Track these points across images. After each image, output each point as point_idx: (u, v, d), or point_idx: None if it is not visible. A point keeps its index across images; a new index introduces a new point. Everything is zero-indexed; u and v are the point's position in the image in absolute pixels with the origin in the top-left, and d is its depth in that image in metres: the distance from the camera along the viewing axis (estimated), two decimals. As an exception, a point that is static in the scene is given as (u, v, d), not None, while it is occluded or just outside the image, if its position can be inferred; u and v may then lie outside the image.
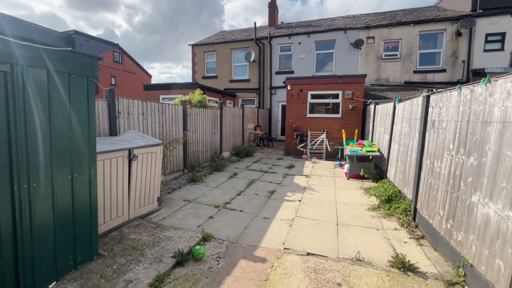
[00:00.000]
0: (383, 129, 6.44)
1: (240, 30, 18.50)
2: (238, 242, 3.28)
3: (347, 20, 14.86)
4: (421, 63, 11.90)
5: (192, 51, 16.42)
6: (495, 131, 2.12)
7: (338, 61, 13.03)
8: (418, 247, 3.15)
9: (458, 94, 2.77)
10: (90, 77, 2.45)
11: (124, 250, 2.91)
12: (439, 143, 3.16)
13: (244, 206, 4.55)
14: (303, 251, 3.04)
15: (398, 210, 4.07)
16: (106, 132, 4.24)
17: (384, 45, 12.33)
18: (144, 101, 5.19)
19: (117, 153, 3.33)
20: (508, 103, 2.00)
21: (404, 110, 4.80)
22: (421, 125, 3.72)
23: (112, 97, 4.32)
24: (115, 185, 3.35)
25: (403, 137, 4.73)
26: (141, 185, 3.82)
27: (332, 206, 4.57)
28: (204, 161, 7.63)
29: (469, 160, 2.48)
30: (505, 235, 1.91)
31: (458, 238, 2.56)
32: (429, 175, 3.40)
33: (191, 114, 6.82)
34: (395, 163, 5.13)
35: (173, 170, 6.15)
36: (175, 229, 3.49)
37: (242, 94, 15.22)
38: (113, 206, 3.38)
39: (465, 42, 11.10)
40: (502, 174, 2.00)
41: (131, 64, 24.68)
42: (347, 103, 9.22)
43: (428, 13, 12.99)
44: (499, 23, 10.58)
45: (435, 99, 3.37)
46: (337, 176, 6.77)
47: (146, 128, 5.21)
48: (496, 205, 2.04)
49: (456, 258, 2.56)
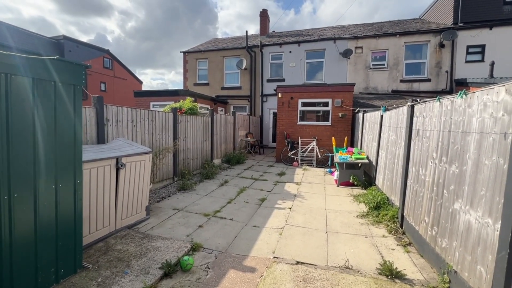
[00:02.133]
0: (371, 136, 6.58)
1: (232, 38, 18.71)
2: (228, 251, 3.24)
3: (336, 30, 15.27)
4: (407, 73, 12.30)
5: (183, 58, 16.45)
6: (474, 141, 2.22)
7: (328, 69, 13.32)
8: (405, 254, 3.20)
9: (440, 105, 2.88)
10: (78, 85, 2.42)
11: (110, 261, 2.83)
12: (424, 151, 3.26)
13: (235, 214, 4.52)
14: (293, 260, 3.03)
15: (386, 217, 4.13)
16: (93, 140, 4.17)
17: (372, 55, 12.71)
18: (134, 108, 5.14)
19: (104, 161, 3.28)
20: (485, 114, 2.10)
21: (391, 119, 4.93)
22: (406, 133, 3.83)
23: (100, 105, 4.26)
24: (101, 195, 3.28)
25: (390, 145, 4.85)
26: (129, 194, 3.75)
27: (322, 214, 4.60)
28: (195, 168, 7.57)
29: (451, 168, 2.57)
30: (485, 241, 1.98)
31: (442, 244, 2.62)
32: (414, 182, 3.48)
33: (182, 121, 6.79)
34: (383, 171, 5.24)
35: (163, 178, 6.07)
36: (163, 239, 3.43)
37: (233, 101, 15.28)
38: (99, 216, 3.30)
39: (448, 53, 11.57)
40: (481, 182, 2.07)
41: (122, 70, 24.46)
42: (336, 111, 9.40)
43: (413, 25, 13.52)
44: (479, 35, 11.11)
45: (419, 108, 3.49)
46: (327, 183, 6.83)
47: (135, 136, 5.15)
48: (477, 212, 2.11)
49: (441, 264, 2.62)
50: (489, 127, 2.03)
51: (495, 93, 2.00)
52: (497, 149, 1.92)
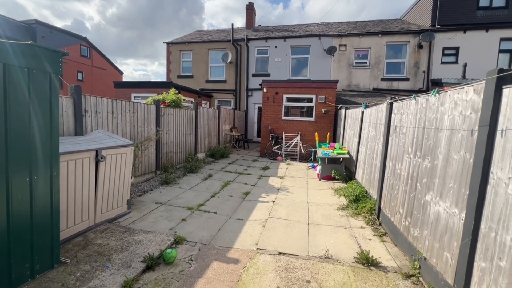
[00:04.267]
0: (352, 132, 6.79)
1: (217, 30, 18.39)
2: (211, 244, 3.26)
3: (321, 27, 15.45)
4: (387, 72, 12.74)
5: (167, 50, 15.98)
6: (445, 137, 2.37)
7: (312, 66, 13.49)
8: (381, 243, 3.38)
9: (416, 102, 3.04)
10: (54, 73, 2.31)
11: (89, 256, 2.76)
12: (400, 146, 3.43)
13: (218, 207, 4.54)
14: (275, 251, 3.11)
15: (364, 209, 4.32)
16: (70, 132, 3.99)
17: (355, 53, 13.01)
18: (114, 99, 4.96)
19: (83, 153, 3.16)
20: (455, 112, 2.25)
21: (371, 116, 5.12)
22: (385, 129, 4.01)
23: (78, 95, 4.08)
24: (80, 188, 3.17)
25: (369, 140, 5.05)
26: (109, 188, 3.65)
27: (304, 207, 4.72)
28: (178, 162, 7.46)
29: (424, 163, 2.73)
30: (452, 229, 2.14)
31: (414, 234, 2.80)
32: (391, 176, 3.67)
33: (165, 114, 6.64)
34: (363, 165, 5.45)
35: (145, 171, 5.94)
36: (145, 232, 3.38)
37: (218, 95, 15.11)
38: (78, 210, 3.19)
39: (425, 54, 12.10)
40: (450, 176, 2.23)
41: (101, 59, 23.35)
42: (320, 107, 9.59)
43: (394, 25, 13.96)
44: (454, 38, 11.70)
45: (397, 106, 3.66)
46: (309, 177, 7.00)
47: (116, 128, 4.99)
48: (445, 203, 2.27)
49: (413, 252, 2.80)
50: (459, 124, 2.18)
51: (464, 93, 2.14)
52: (464, 145, 2.07)
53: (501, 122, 1.73)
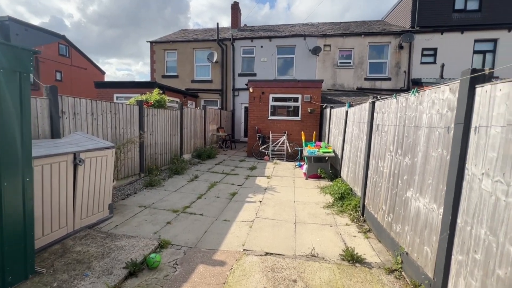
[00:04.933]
0: (337, 131, 6.90)
1: (202, 29, 18.17)
2: (197, 246, 3.21)
3: (306, 27, 15.62)
4: (370, 71, 13.07)
5: (151, 49, 15.61)
6: (424, 135, 2.44)
7: (298, 66, 13.61)
8: (365, 240, 3.45)
9: (397, 102, 3.12)
10: (24, 73, 2.18)
11: (67, 264, 2.64)
12: (382, 144, 3.51)
13: (205, 209, 4.47)
14: (262, 251, 3.10)
15: (349, 206, 4.40)
16: (46, 134, 3.80)
17: (339, 53, 13.25)
18: (94, 100, 4.78)
19: (59, 157, 3.01)
20: (433, 111, 2.32)
21: (354, 114, 5.22)
22: (368, 128, 4.09)
23: (54, 95, 3.88)
24: (56, 193, 3.02)
25: (354, 139, 5.14)
26: (89, 192, 3.51)
27: (291, 206, 4.75)
28: (163, 164, 7.30)
29: (405, 160, 2.81)
30: (431, 224, 2.21)
31: (397, 229, 2.87)
32: (374, 173, 3.75)
33: (149, 114, 6.48)
34: (348, 163, 5.55)
35: (128, 174, 5.76)
36: (128, 237, 3.27)
37: (204, 95, 14.94)
38: (55, 217, 3.04)
39: (406, 54, 12.51)
40: (429, 172, 2.30)
41: (81, 58, 22.48)
42: (306, 107, 9.68)
43: (376, 26, 14.34)
44: (432, 39, 12.17)
45: (379, 105, 3.74)
46: (296, 176, 7.05)
47: (96, 130, 4.80)
48: (425, 199, 2.34)
49: (395, 247, 2.87)
50: (436, 122, 2.25)
51: (441, 92, 2.21)
52: (442, 142, 2.14)
53: (475, 120, 1.80)
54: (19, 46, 2.12)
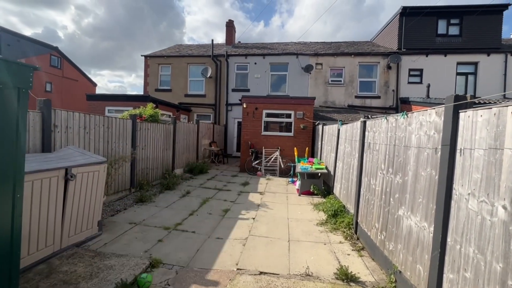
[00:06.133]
0: (329, 148, 7.03)
1: (197, 45, 18.55)
2: (190, 266, 3.13)
3: (298, 46, 16.19)
4: (361, 89, 13.54)
5: (145, 62, 15.76)
6: (413, 155, 2.54)
7: (291, 83, 13.98)
8: (359, 258, 3.45)
9: (387, 122, 3.25)
10: (23, 89, 2.18)
11: (53, 285, 2.52)
12: (374, 162, 3.61)
13: (197, 226, 4.40)
14: (256, 271, 3.05)
15: (342, 224, 4.42)
16: (37, 148, 3.73)
17: (330, 71, 13.73)
18: (87, 113, 4.75)
19: (51, 172, 2.95)
20: (421, 132, 2.44)
21: (346, 132, 5.36)
22: (359, 146, 4.21)
23: (47, 109, 3.86)
24: (45, 210, 2.94)
25: (346, 156, 5.25)
26: (79, 209, 3.42)
27: (285, 223, 4.73)
28: (154, 178, 7.20)
29: (396, 179, 2.89)
30: (423, 243, 2.26)
31: (390, 247, 2.90)
32: (367, 191, 3.82)
33: (141, 129, 6.45)
34: (340, 180, 5.62)
35: (118, 189, 5.64)
36: (118, 256, 3.17)
37: (197, 109, 15.03)
38: (42, 234, 2.93)
39: (394, 74, 13.08)
40: (419, 191, 2.38)
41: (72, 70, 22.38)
42: (298, 123, 9.86)
43: (365, 47, 15.02)
44: (418, 61, 12.81)
45: (370, 124, 3.88)
46: (289, 193, 7.06)
47: (88, 144, 4.74)
48: (416, 217, 2.40)
49: (389, 266, 2.89)
50: (424, 143, 2.36)
51: (428, 114, 2.34)
52: (430, 162, 2.24)
53: (459, 143, 1.91)
54: (20, 63, 2.14)
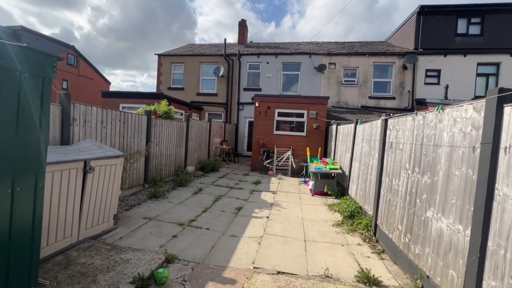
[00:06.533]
0: (344, 148, 6.87)
1: (209, 44, 18.63)
2: (205, 262, 3.08)
3: (311, 45, 16.01)
4: (375, 90, 13.24)
5: (158, 61, 15.93)
6: (445, 153, 2.40)
7: (303, 82, 13.82)
8: (380, 261, 3.31)
9: (413, 119, 3.10)
10: (47, 78, 2.18)
11: (72, 277, 2.51)
12: (397, 162, 3.46)
13: (211, 223, 4.35)
14: (273, 270, 2.97)
15: (360, 225, 4.27)
16: (56, 141, 3.77)
17: (343, 71, 13.49)
18: (104, 108, 4.79)
19: (70, 164, 2.96)
20: (454, 129, 2.29)
21: (364, 132, 5.21)
22: (380, 145, 4.06)
23: (67, 102, 3.89)
24: (64, 201, 2.94)
25: (363, 156, 5.09)
26: (96, 202, 3.42)
27: (299, 223, 4.62)
28: (167, 175, 7.22)
29: (423, 179, 2.75)
30: (457, 247, 2.12)
31: (415, 251, 2.76)
32: (388, 192, 3.67)
33: (156, 125, 6.48)
34: (356, 181, 5.46)
35: (132, 184, 5.67)
36: (133, 250, 3.15)
37: (209, 107, 15.07)
38: (60, 226, 2.94)
39: (410, 75, 12.72)
40: (452, 192, 2.24)
41: (88, 68, 22.93)
42: (311, 122, 9.71)
43: (380, 47, 14.70)
44: (436, 61, 12.42)
45: (393, 122, 3.73)
46: (302, 193, 6.93)
47: (105, 138, 4.78)
48: (448, 220, 2.26)
49: (414, 270, 2.75)
50: (459, 141, 2.22)
51: (463, 110, 2.19)
52: (466, 161, 2.10)
53: (504, 140, 1.77)
54: (45, 52, 2.13)
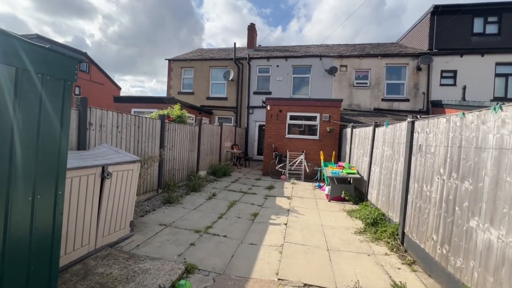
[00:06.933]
0: (362, 151, 6.64)
1: (218, 49, 18.71)
2: (226, 273, 2.93)
3: (321, 48, 15.85)
4: (388, 92, 12.93)
5: (168, 66, 16.06)
6: (492, 157, 2.20)
7: (313, 85, 13.64)
8: (412, 273, 3.09)
9: (447, 121, 2.90)
10: (68, 81, 2.10)
11: (91, 288, 2.40)
12: (428, 167, 3.25)
13: (228, 230, 4.21)
14: (300, 282, 2.79)
15: (385, 233, 4.05)
16: (73, 146, 3.72)
17: (355, 73, 13.25)
18: (120, 112, 4.75)
19: (89, 170, 2.88)
20: (503, 131, 2.09)
21: (385, 134, 4.99)
22: (406, 149, 3.84)
23: (84, 107, 3.85)
24: (82, 208, 2.86)
25: (385, 160, 4.87)
26: (113, 208, 3.33)
27: (319, 230, 4.42)
28: (180, 180, 7.13)
29: (463, 185, 2.53)
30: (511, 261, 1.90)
31: (456, 264, 2.53)
32: (417, 198, 3.45)
33: (169, 129, 6.42)
34: (377, 186, 5.23)
35: (146, 190, 5.59)
36: (152, 259, 3.03)
37: (218, 112, 15.04)
38: (78, 233, 2.85)
39: (424, 76, 12.38)
40: (504, 200, 2.03)
41: (99, 74, 23.38)
42: (324, 126, 9.51)
43: (392, 48, 14.41)
44: (451, 62, 12.05)
45: (421, 124, 3.52)
46: (318, 198, 6.72)
47: (120, 143, 4.72)
48: (499, 231, 2.05)
49: (454, 285, 2.52)
50: (510, 144, 2.01)
51: (516, 110, 2.00)
52: (522, 166, 1.89)
53: None
54: (66, 53, 2.06)
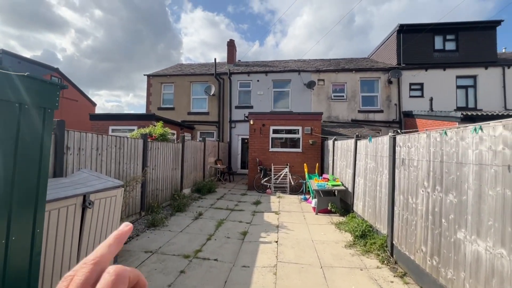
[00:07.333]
0: (345, 163, 6.82)
1: (198, 64, 18.73)
2: (221, 302, 2.79)
3: (298, 63, 16.44)
4: (363, 104, 13.59)
5: (147, 82, 15.73)
6: (472, 172, 2.34)
7: (293, 98, 14.00)
8: (405, 285, 3.14)
9: (427, 136, 3.07)
10: (49, 109, 1.96)
11: (72, 335, 2.16)
12: (412, 180, 3.39)
13: (218, 253, 4.05)
14: (298, 306, 2.72)
15: (374, 246, 4.11)
16: (49, 173, 3.44)
17: (332, 87, 13.83)
18: (100, 134, 4.51)
19: (69, 200, 2.66)
20: (482, 147, 2.25)
21: (367, 147, 5.18)
22: (389, 162, 4.01)
23: (61, 130, 3.61)
24: (61, 243, 2.61)
25: (369, 172, 5.04)
26: (95, 239, 3.08)
27: (310, 246, 4.41)
28: (164, 200, 6.84)
29: (448, 198, 2.67)
30: (501, 272, 2.00)
31: (447, 275, 2.62)
32: (404, 210, 3.57)
33: (152, 148, 6.19)
34: (362, 197, 5.36)
35: (129, 213, 5.28)
36: (140, 293, 2.81)
37: (201, 126, 14.86)
38: (56, 271, 2.59)
39: (395, 89, 13.22)
40: (488, 212, 2.15)
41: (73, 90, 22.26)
42: (307, 138, 9.71)
43: (364, 63, 15.30)
44: (418, 75, 13.02)
45: (402, 139, 3.70)
46: (305, 211, 6.74)
47: (100, 166, 4.46)
48: (486, 243, 2.15)
49: (447, 296, 2.59)
50: (489, 159, 2.16)
51: (491, 128, 2.16)
52: (501, 181, 2.03)
53: (545, 159, 1.71)
54: (47, 81, 1.93)
